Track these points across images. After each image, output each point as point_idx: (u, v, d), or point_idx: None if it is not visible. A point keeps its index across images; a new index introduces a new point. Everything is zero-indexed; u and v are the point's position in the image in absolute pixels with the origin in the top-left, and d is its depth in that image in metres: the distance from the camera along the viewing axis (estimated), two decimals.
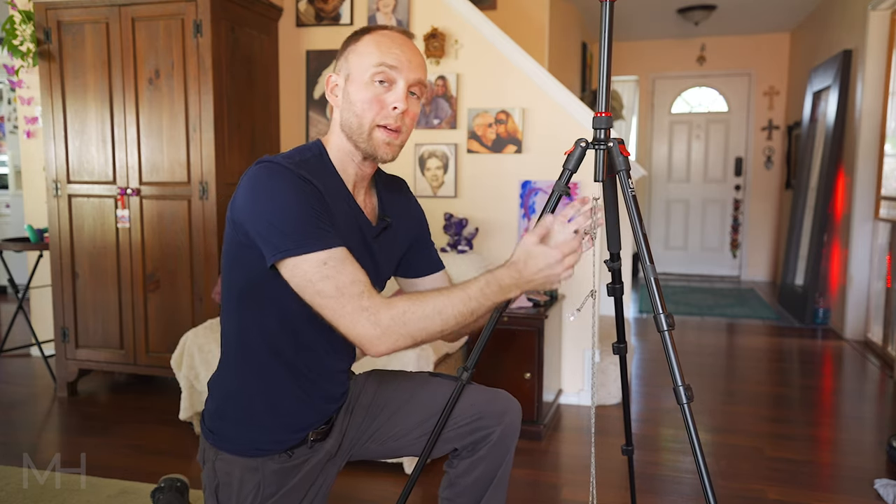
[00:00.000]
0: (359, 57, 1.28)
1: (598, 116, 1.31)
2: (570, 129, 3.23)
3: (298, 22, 3.60)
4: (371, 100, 1.27)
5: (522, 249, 1.20)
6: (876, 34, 4.40)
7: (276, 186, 1.19)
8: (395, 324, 1.15)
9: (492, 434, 1.44)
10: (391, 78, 1.27)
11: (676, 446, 2.80)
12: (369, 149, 1.29)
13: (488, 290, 1.19)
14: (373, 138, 1.28)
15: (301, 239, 1.16)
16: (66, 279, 3.28)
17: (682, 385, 1.18)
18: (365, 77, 1.27)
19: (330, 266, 1.16)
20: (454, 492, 1.48)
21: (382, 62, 1.26)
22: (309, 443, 1.38)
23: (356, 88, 1.28)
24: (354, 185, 1.36)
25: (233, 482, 1.34)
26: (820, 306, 4.99)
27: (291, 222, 1.16)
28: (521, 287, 1.20)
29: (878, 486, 2.36)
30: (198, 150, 3.05)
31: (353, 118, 1.28)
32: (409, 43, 1.31)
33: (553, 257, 1.18)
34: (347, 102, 1.29)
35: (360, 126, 1.28)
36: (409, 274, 1.52)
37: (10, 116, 5.92)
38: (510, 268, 1.20)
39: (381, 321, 1.14)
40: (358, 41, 1.30)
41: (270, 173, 1.20)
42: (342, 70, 1.31)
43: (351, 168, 1.34)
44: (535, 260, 1.19)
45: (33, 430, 2.98)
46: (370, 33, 1.30)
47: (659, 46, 7.14)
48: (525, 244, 1.20)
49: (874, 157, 4.46)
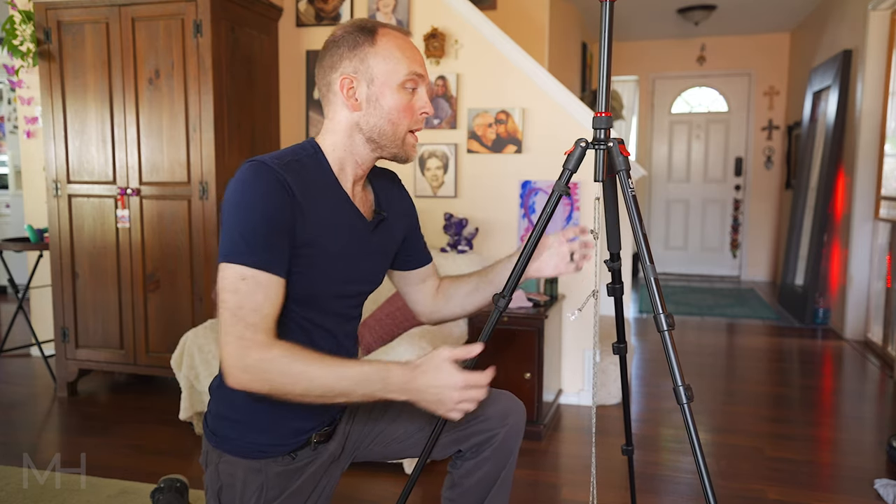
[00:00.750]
0: (384, 62, 1.27)
1: (598, 116, 1.31)
2: (570, 129, 3.23)
3: (298, 22, 3.60)
4: (406, 107, 1.29)
5: (431, 359, 1.18)
6: (876, 34, 4.40)
7: (248, 188, 1.19)
8: (257, 367, 1.13)
9: (496, 436, 1.44)
10: (417, 83, 1.30)
11: (676, 446, 2.80)
12: (401, 153, 1.33)
13: (369, 380, 1.16)
14: (405, 143, 1.32)
15: (237, 248, 1.16)
16: (66, 279, 3.28)
17: (682, 385, 1.18)
18: (395, 83, 1.27)
19: (245, 283, 1.15)
20: (457, 492, 1.48)
21: (414, 71, 1.28)
22: (312, 445, 1.38)
23: (387, 95, 1.28)
24: (352, 183, 1.36)
25: (236, 484, 1.34)
26: (820, 306, 4.99)
27: (240, 229, 1.17)
28: (408, 393, 1.18)
29: (878, 486, 2.36)
30: (198, 150, 3.05)
31: (386, 125, 1.29)
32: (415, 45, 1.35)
33: (456, 382, 1.16)
34: (375, 108, 1.28)
35: (394, 133, 1.30)
36: (403, 267, 1.54)
37: (10, 116, 5.92)
38: (406, 368, 1.18)
39: (248, 358, 1.13)
40: (374, 43, 1.27)
41: (252, 174, 1.20)
42: (361, 73, 1.28)
43: (350, 167, 1.34)
44: (437, 374, 1.16)
45: (33, 430, 2.98)
46: (383, 35, 1.29)
47: (659, 46, 7.14)
48: (438, 355, 1.18)
49: (874, 157, 4.46)
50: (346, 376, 1.16)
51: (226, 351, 1.14)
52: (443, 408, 1.19)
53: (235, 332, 1.14)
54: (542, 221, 1.34)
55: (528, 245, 1.35)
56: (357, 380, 1.16)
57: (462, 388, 1.17)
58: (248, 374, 1.14)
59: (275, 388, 1.15)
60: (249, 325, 1.14)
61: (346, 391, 1.16)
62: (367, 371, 1.17)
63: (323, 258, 1.27)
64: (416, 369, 1.18)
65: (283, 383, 1.14)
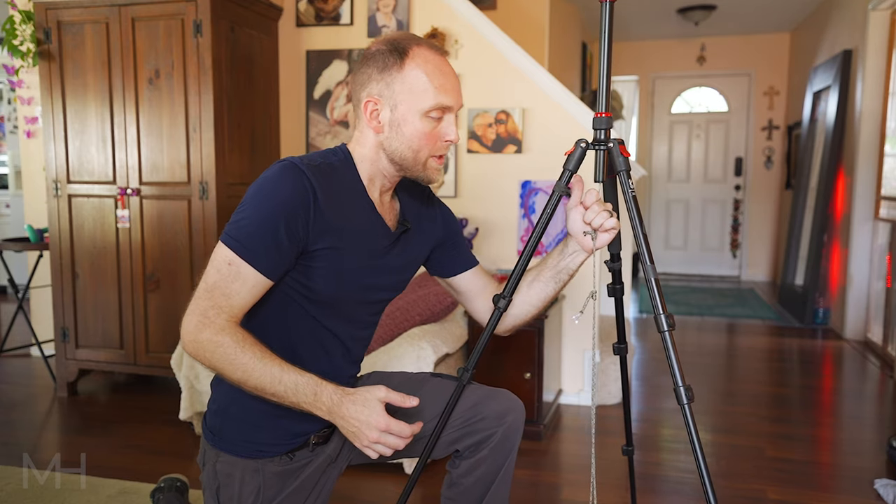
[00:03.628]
0: (410, 91, 1.25)
1: (599, 117, 1.31)
2: (570, 129, 3.23)
3: (298, 22, 3.60)
4: (428, 135, 1.28)
5: (365, 394, 1.20)
6: (876, 34, 4.40)
7: (270, 186, 1.22)
8: (205, 345, 1.18)
9: (494, 435, 1.44)
10: (444, 113, 1.29)
11: (676, 446, 2.80)
12: (424, 177, 1.33)
13: (302, 390, 1.18)
14: (427, 168, 1.32)
15: (237, 234, 1.20)
16: (66, 279, 3.28)
17: (682, 385, 1.18)
18: (418, 112, 1.26)
19: (229, 268, 1.20)
20: (456, 491, 1.48)
21: (440, 104, 1.26)
22: (310, 446, 1.39)
23: (409, 123, 1.27)
24: (380, 193, 1.37)
25: (234, 484, 1.34)
26: (820, 306, 4.99)
27: (247, 219, 1.20)
28: (332, 416, 1.19)
29: (878, 486, 2.36)
30: (198, 150, 3.05)
31: (407, 151, 1.29)
32: (451, 67, 1.31)
33: (377, 423, 1.17)
34: (398, 134, 1.28)
35: (415, 159, 1.30)
36: (441, 273, 1.54)
37: (10, 116, 5.92)
38: (338, 393, 1.19)
39: (202, 334, 1.18)
40: (402, 68, 1.25)
41: (279, 171, 1.23)
42: (385, 98, 1.27)
43: (378, 180, 1.35)
44: (363, 407, 1.18)
45: (33, 430, 2.98)
46: (413, 57, 1.25)
47: (659, 46, 7.14)
48: (374, 393, 1.20)
49: (874, 157, 4.46)
50: (280, 381, 1.18)
51: (187, 318, 1.20)
52: (358, 442, 1.20)
53: (201, 308, 1.20)
54: (542, 221, 1.34)
55: (529, 245, 1.36)
56: (289, 387, 1.18)
57: (382, 430, 1.18)
58: (196, 347, 1.19)
59: (214, 368, 1.20)
60: (215, 306, 1.19)
61: (277, 394, 1.19)
62: (301, 382, 1.19)
63: (342, 262, 1.28)
64: (346, 396, 1.19)
65: (224, 368, 1.19)
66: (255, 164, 3.40)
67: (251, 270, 1.20)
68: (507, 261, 3.35)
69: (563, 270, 1.44)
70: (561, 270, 1.44)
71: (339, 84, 3.56)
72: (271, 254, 1.20)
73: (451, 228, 1.54)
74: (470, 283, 1.54)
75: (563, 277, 1.45)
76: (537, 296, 1.47)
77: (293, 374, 1.19)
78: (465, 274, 1.53)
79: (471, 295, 1.54)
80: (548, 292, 1.47)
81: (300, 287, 1.28)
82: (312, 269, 1.27)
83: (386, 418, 1.18)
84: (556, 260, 1.44)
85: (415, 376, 1.57)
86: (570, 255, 1.41)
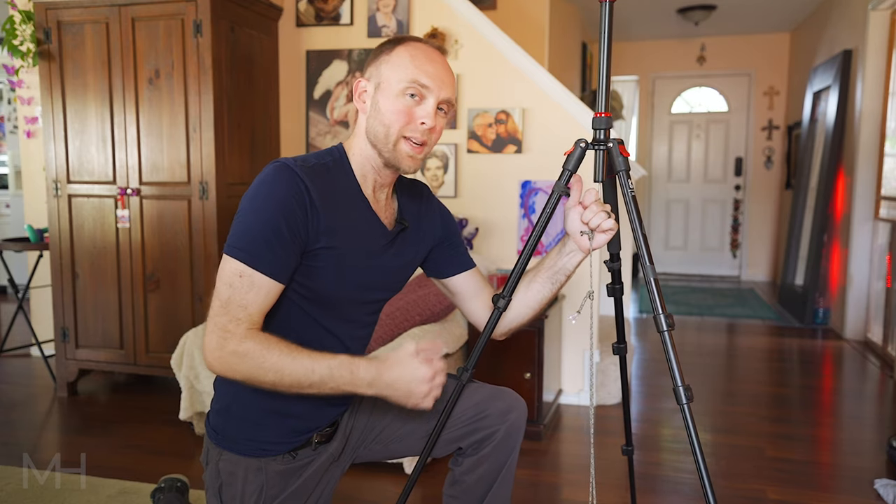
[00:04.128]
0: (392, 68, 1.29)
1: (598, 117, 1.31)
2: (570, 129, 3.23)
3: (298, 22, 3.60)
4: (400, 111, 1.28)
5: (395, 354, 1.22)
6: (876, 34, 4.40)
7: (265, 190, 1.23)
8: (232, 358, 1.18)
9: (496, 433, 1.45)
10: (422, 94, 1.29)
11: (676, 446, 2.80)
12: (393, 159, 1.31)
13: (337, 373, 1.20)
14: (398, 149, 1.30)
15: (241, 243, 1.21)
16: (66, 279, 3.28)
17: (682, 385, 1.18)
18: (396, 89, 1.28)
19: (240, 280, 1.20)
20: (458, 489, 1.49)
21: (415, 79, 1.27)
22: (313, 445, 1.39)
23: (386, 98, 1.29)
24: (374, 190, 1.37)
25: (236, 482, 1.34)
26: (820, 306, 4.99)
27: (248, 226, 1.21)
28: (376, 388, 1.22)
29: (878, 486, 2.36)
30: (198, 150, 3.05)
31: (379, 127, 1.29)
32: (443, 60, 1.32)
33: (424, 375, 1.21)
34: (375, 110, 1.30)
35: (386, 136, 1.29)
36: (438, 274, 1.54)
37: (10, 116, 5.92)
38: (372, 362, 1.22)
39: (226, 347, 1.19)
40: (392, 51, 1.30)
41: (272, 175, 1.24)
42: (373, 77, 1.31)
43: (370, 174, 1.35)
44: (402, 368, 1.21)
45: (33, 430, 2.98)
46: (405, 44, 1.30)
47: (659, 46, 7.14)
48: (402, 351, 1.22)
49: (874, 157, 4.46)
50: (314, 370, 1.20)
51: (208, 337, 1.20)
52: (412, 400, 1.23)
53: (220, 323, 1.19)
54: (542, 221, 1.34)
55: (528, 245, 1.36)
56: (324, 374, 1.20)
57: (430, 379, 1.22)
58: (223, 362, 1.19)
59: (247, 378, 1.20)
60: (234, 318, 1.20)
61: (315, 384, 1.21)
62: (334, 365, 1.21)
63: (339, 261, 1.28)
64: (382, 364, 1.22)
65: (255, 374, 1.19)
66: (255, 164, 3.40)
67: (263, 277, 1.21)
68: (507, 261, 3.35)
69: (560, 271, 1.44)
70: (558, 271, 1.44)
71: (339, 84, 3.56)
72: (279, 256, 1.21)
73: (449, 229, 1.53)
74: (466, 285, 1.53)
75: (560, 278, 1.45)
76: (534, 298, 1.47)
77: (325, 360, 1.20)
78: (462, 275, 1.53)
79: (467, 296, 1.54)
80: (545, 294, 1.47)
81: (300, 287, 1.28)
82: (312, 269, 1.27)
83: (428, 367, 1.21)
84: (554, 260, 1.44)
85: None
86: (568, 254, 1.42)
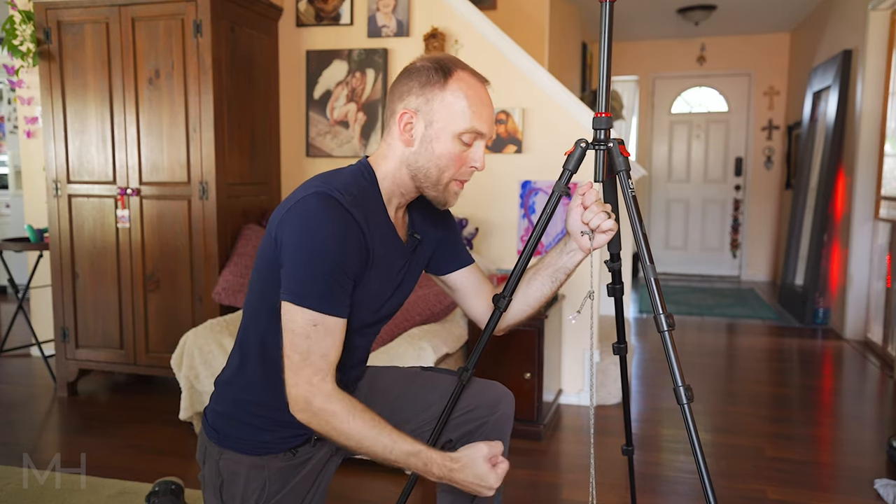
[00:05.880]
0: (448, 110, 1.26)
1: (598, 117, 1.31)
2: (570, 129, 3.23)
3: (298, 22, 3.60)
4: (456, 157, 1.28)
5: (470, 457, 1.23)
6: (876, 34, 4.40)
7: (324, 230, 1.19)
8: (319, 414, 1.21)
9: (485, 424, 1.47)
10: (475, 139, 1.29)
11: (676, 446, 2.80)
12: (440, 198, 1.32)
13: (413, 462, 1.23)
14: (448, 190, 1.32)
15: (311, 292, 1.19)
16: (66, 279, 3.28)
17: (682, 385, 1.18)
18: (452, 133, 1.27)
19: (317, 329, 1.20)
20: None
21: (475, 128, 1.27)
22: (312, 441, 1.40)
23: (441, 141, 1.27)
24: (395, 209, 1.37)
25: (238, 480, 1.35)
26: (820, 306, 4.99)
27: (314, 273, 1.19)
28: (444, 480, 1.24)
29: (878, 486, 2.36)
30: (198, 150, 3.05)
31: (432, 169, 1.29)
32: (489, 97, 1.32)
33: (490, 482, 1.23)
34: (427, 150, 1.28)
35: (438, 178, 1.30)
36: (437, 271, 1.54)
37: (10, 116, 5.92)
38: (447, 461, 1.23)
39: (313, 404, 1.21)
40: (444, 88, 1.27)
41: (328, 212, 1.20)
42: (422, 112, 1.28)
43: (396, 198, 1.35)
44: (472, 470, 1.23)
45: (33, 430, 2.98)
46: (457, 79, 1.27)
47: (659, 46, 7.14)
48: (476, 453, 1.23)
49: (874, 157, 4.46)
50: (392, 451, 1.22)
51: (295, 391, 1.22)
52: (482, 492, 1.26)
53: (305, 376, 1.21)
54: (542, 221, 1.34)
55: (528, 245, 1.36)
56: (400, 458, 1.22)
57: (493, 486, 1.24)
58: (310, 417, 1.22)
59: (328, 435, 1.24)
60: (318, 370, 1.21)
61: (388, 461, 1.24)
62: (412, 454, 1.22)
63: (369, 285, 1.29)
64: (454, 463, 1.23)
65: (337, 436, 1.23)
66: (255, 164, 3.40)
67: (335, 320, 1.22)
68: (507, 261, 3.35)
69: (561, 269, 1.44)
70: (558, 269, 1.44)
71: (339, 84, 3.56)
72: (344, 295, 1.22)
73: (449, 227, 1.54)
74: (465, 281, 1.54)
75: (560, 277, 1.45)
76: (534, 295, 1.48)
77: (403, 446, 1.22)
78: (461, 272, 1.53)
79: (466, 292, 1.54)
80: (544, 292, 1.47)
81: None
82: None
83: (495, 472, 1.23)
84: (554, 259, 1.44)
85: (407, 371, 1.59)
86: (568, 253, 1.42)
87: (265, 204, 3.48)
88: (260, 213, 3.41)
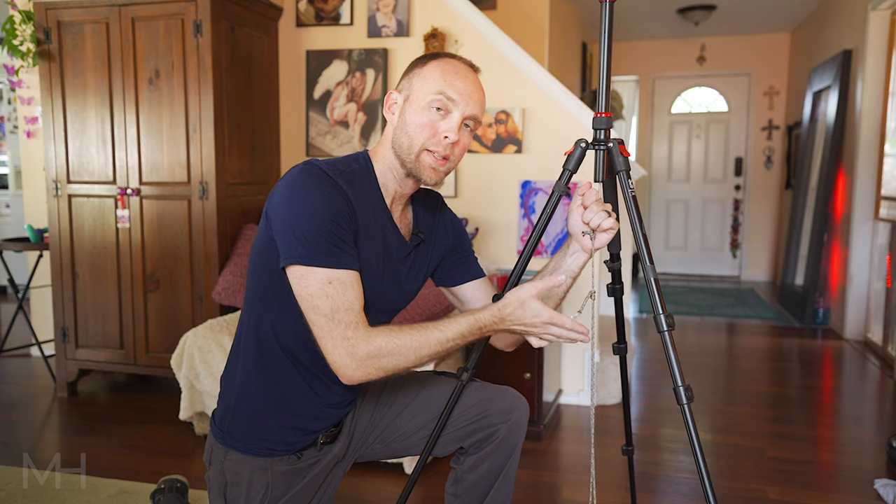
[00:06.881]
0: (422, 81, 1.30)
1: (598, 117, 1.31)
2: (570, 129, 3.23)
3: (298, 22, 3.60)
4: (425, 124, 1.29)
5: (517, 296, 1.21)
6: (876, 34, 4.40)
7: (310, 192, 1.21)
8: (370, 358, 1.18)
9: (497, 431, 1.45)
10: (448, 108, 1.29)
11: (676, 446, 2.80)
12: (415, 170, 1.32)
13: (468, 334, 1.22)
14: (420, 161, 1.31)
15: (315, 251, 1.18)
16: (66, 279, 3.28)
17: (682, 385, 1.18)
18: (423, 101, 1.29)
19: (333, 286, 1.18)
20: (460, 488, 1.49)
21: (442, 92, 1.28)
22: (318, 445, 1.40)
23: (413, 110, 1.30)
24: (393, 200, 1.37)
25: (242, 482, 1.35)
26: (820, 306, 4.99)
27: (311, 232, 1.19)
28: (498, 326, 1.23)
29: (878, 486, 2.36)
30: (198, 150, 3.05)
31: (404, 138, 1.30)
32: (473, 76, 1.33)
33: (541, 318, 1.20)
34: (402, 122, 1.31)
35: (409, 147, 1.30)
36: (447, 283, 1.53)
37: (10, 116, 5.92)
38: (497, 316, 1.22)
39: (358, 354, 1.17)
40: (425, 65, 1.32)
41: (310, 177, 1.23)
42: (404, 90, 1.33)
43: (391, 183, 1.36)
44: (523, 311, 1.21)
45: (33, 430, 2.98)
46: (438, 59, 1.32)
47: (659, 46, 7.14)
48: (524, 292, 1.21)
49: (874, 157, 4.46)
50: (448, 338, 1.21)
51: (335, 355, 1.18)
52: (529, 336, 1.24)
53: (338, 335, 1.18)
54: (542, 222, 1.34)
55: (528, 245, 1.36)
56: (458, 339, 1.22)
57: (545, 323, 1.21)
58: (363, 368, 1.18)
59: (389, 370, 1.20)
60: (349, 324, 1.18)
61: (452, 349, 1.23)
62: (463, 329, 1.22)
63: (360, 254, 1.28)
64: (502, 310, 1.22)
65: (396, 363, 1.19)
66: (255, 164, 3.40)
67: (348, 274, 1.21)
68: (507, 261, 3.35)
69: (566, 273, 1.43)
70: (563, 273, 1.43)
71: (339, 84, 3.56)
72: (349, 249, 1.22)
73: (461, 238, 1.54)
74: (475, 294, 1.53)
75: (566, 282, 1.44)
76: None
77: (453, 327, 1.21)
78: (471, 284, 1.53)
79: (476, 305, 1.53)
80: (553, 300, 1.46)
81: None
82: None
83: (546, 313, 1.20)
84: (558, 263, 1.44)
85: (419, 375, 1.58)
86: (572, 255, 1.42)
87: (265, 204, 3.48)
88: (260, 213, 3.41)
